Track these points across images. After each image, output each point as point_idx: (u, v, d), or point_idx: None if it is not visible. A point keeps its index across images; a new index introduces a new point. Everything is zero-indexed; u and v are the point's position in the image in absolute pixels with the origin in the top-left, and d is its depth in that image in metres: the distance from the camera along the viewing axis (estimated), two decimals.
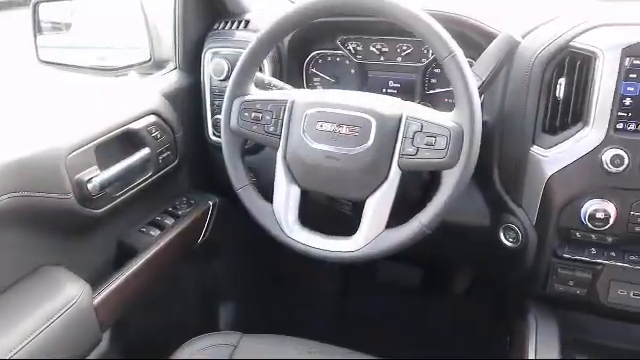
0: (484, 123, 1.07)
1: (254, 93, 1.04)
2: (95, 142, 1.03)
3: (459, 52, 0.87)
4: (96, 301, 1.01)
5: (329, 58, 1.30)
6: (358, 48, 1.25)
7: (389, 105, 0.94)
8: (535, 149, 1.01)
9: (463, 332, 1.58)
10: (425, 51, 1.20)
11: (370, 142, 0.92)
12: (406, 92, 1.24)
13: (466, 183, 0.88)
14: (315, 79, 1.32)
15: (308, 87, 1.32)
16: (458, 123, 0.87)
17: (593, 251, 1.02)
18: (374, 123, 0.92)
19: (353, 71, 1.28)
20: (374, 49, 1.24)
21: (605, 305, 1.03)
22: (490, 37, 0.98)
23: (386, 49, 1.23)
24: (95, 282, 1.05)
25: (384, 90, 1.26)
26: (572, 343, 1.10)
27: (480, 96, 0.99)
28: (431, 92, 1.22)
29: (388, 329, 1.67)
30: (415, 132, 0.90)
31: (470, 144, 0.86)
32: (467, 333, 1.56)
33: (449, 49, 0.87)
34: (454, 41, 0.88)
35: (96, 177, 1.02)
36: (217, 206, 1.36)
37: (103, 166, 1.05)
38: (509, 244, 1.10)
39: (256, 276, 1.76)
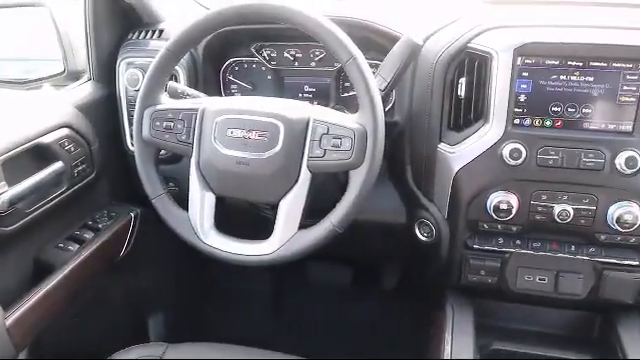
0: (395, 123, 1.12)
1: (165, 102, 1.04)
2: (1, 157, 1.00)
3: (359, 55, 0.91)
4: (9, 322, 0.98)
5: (245, 65, 1.31)
6: (273, 54, 1.27)
7: (296, 109, 0.96)
8: (442, 146, 1.06)
9: (391, 327, 1.62)
10: None
11: (279, 146, 0.94)
12: (321, 96, 1.27)
13: (373, 182, 0.92)
14: (232, 86, 1.33)
15: (226, 95, 1.33)
16: (362, 124, 0.91)
17: (500, 241, 1.08)
18: (282, 128, 0.94)
19: (269, 77, 1.29)
20: (288, 55, 1.26)
21: (514, 291, 1.09)
22: (395, 41, 1.02)
23: (300, 54, 1.26)
24: (8, 302, 1.02)
25: (300, 95, 1.29)
26: (486, 328, 1.15)
27: (387, 97, 1.03)
28: (345, 95, 1.25)
29: (320, 329, 1.70)
30: (322, 135, 0.92)
31: (374, 144, 0.90)
32: (395, 328, 1.61)
33: (349, 53, 0.90)
34: (354, 45, 0.91)
35: (4, 193, 0.99)
36: (139, 217, 1.35)
37: (12, 182, 1.03)
38: (424, 239, 1.14)
39: (186, 285, 1.75)
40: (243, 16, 0.96)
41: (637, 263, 1.04)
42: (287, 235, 0.95)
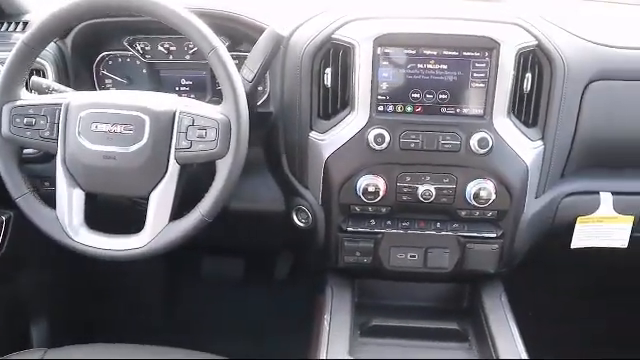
0: (270, 114, 1.14)
1: (26, 98, 1.00)
2: None
3: (220, 46, 0.92)
4: None
5: (119, 59, 1.28)
6: (147, 48, 1.26)
7: (162, 102, 0.96)
8: (313, 134, 1.10)
9: (283, 314, 1.66)
10: None
11: (145, 139, 0.94)
12: (198, 89, 1.27)
13: (239, 171, 0.94)
14: (107, 81, 1.30)
15: (100, 89, 1.30)
16: (225, 115, 0.93)
17: (372, 222, 1.14)
18: (148, 121, 0.94)
19: (145, 71, 1.28)
20: (162, 48, 1.25)
21: (388, 269, 1.16)
22: (262, 32, 1.04)
23: (174, 48, 1.25)
24: None
25: (177, 89, 1.28)
26: (366, 306, 1.21)
27: (256, 88, 1.05)
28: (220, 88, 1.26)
29: (215, 323, 1.70)
30: (188, 126, 0.93)
31: (238, 133, 0.92)
32: (286, 315, 1.64)
33: (210, 44, 0.92)
34: (215, 36, 0.93)
35: None
36: (12, 220, 1.29)
37: None
38: (302, 224, 1.18)
39: (74, 286, 1.69)
40: (102, 8, 0.95)
41: (495, 235, 1.13)
42: (158, 228, 0.95)
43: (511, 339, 1.07)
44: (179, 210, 0.99)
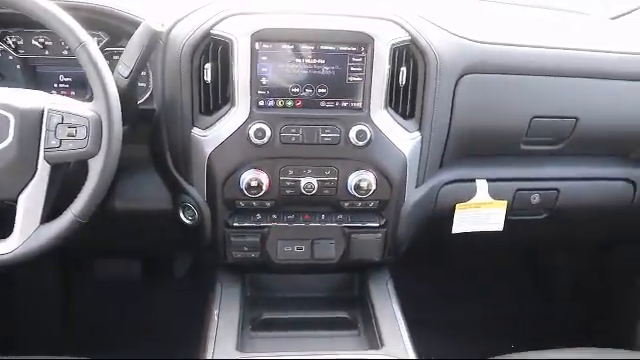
0: (152, 111, 1.12)
1: None
2: None
3: (89, 41, 0.90)
4: None
5: None
6: (19, 42, 1.19)
7: (29, 99, 0.92)
8: (195, 131, 1.09)
9: (182, 313, 1.64)
10: None
11: (10, 138, 0.89)
12: (78, 86, 1.22)
13: (112, 169, 0.91)
14: None
15: None
16: (96, 112, 0.90)
17: (258, 217, 1.14)
18: (12, 119, 0.89)
19: (18, 67, 1.21)
20: (37, 43, 1.19)
21: (276, 262, 1.17)
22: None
23: (50, 42, 1.19)
24: None
25: (56, 85, 1.23)
26: (257, 301, 1.22)
27: (134, 84, 1.02)
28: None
29: (114, 327, 1.65)
30: (57, 124, 0.90)
31: (109, 131, 0.90)
32: (186, 314, 1.62)
33: (78, 39, 0.89)
34: (84, 31, 0.90)
35: None
36: None
37: None
38: (189, 222, 1.17)
39: None
40: None
41: (378, 225, 1.17)
42: (27, 232, 0.91)
43: (395, 324, 1.12)
44: (56, 212, 0.95)
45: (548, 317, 1.87)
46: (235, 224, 1.14)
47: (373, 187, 1.10)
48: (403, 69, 1.08)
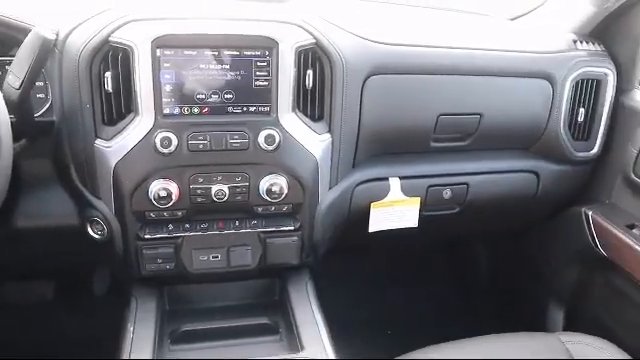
0: (52, 123, 1.07)
1: None
2: None
3: None
4: None
5: None
6: None
7: None
8: (99, 142, 1.05)
9: (100, 333, 1.58)
10: None
11: None
12: None
13: (3, 187, 0.87)
14: None
15: None
16: None
17: (171, 227, 1.12)
18: None
19: None
20: None
21: (192, 273, 1.15)
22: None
23: None
24: None
25: None
26: (177, 313, 1.19)
27: (26, 96, 0.97)
28: None
29: (24, 354, 1.56)
30: None
31: None
32: (104, 333, 1.56)
33: None
34: None
35: None
36: None
37: None
38: (98, 237, 1.13)
39: None
40: None
41: (293, 228, 1.17)
42: None
43: (315, 327, 1.12)
44: None
45: (469, 309, 1.93)
46: (147, 236, 1.11)
47: (285, 191, 1.10)
48: (309, 72, 1.09)
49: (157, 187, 1.04)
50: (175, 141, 1.03)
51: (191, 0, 1.14)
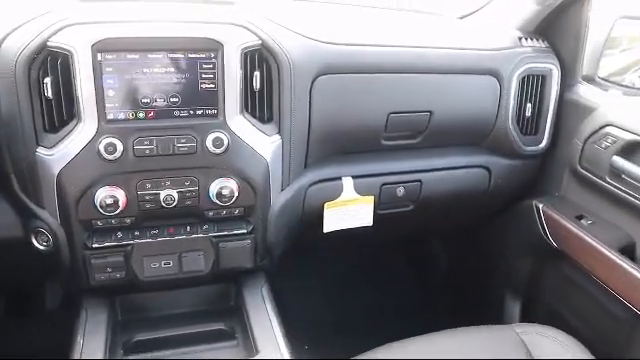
0: None
1: None
2: None
3: None
4: None
5: None
6: None
7: None
8: (40, 150, 1.02)
9: (50, 348, 1.53)
10: None
11: None
12: None
13: None
14: None
15: None
16: None
17: (119, 235, 1.09)
18: None
19: None
20: None
21: (144, 281, 1.12)
22: None
23: None
24: None
25: None
26: (130, 323, 1.17)
27: None
28: None
29: None
30: None
31: None
32: (55, 347, 1.52)
33: None
34: None
35: None
36: None
37: None
38: (43, 247, 1.09)
39: None
40: None
41: (245, 231, 1.16)
42: None
43: (270, 330, 1.11)
44: None
45: (427, 305, 1.95)
46: (95, 245, 1.08)
47: (236, 194, 1.09)
48: (256, 73, 1.08)
49: (103, 194, 1.02)
50: (120, 147, 1.01)
51: (134, 3, 1.12)
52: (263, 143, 1.11)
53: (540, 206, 1.45)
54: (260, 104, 1.11)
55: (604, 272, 1.26)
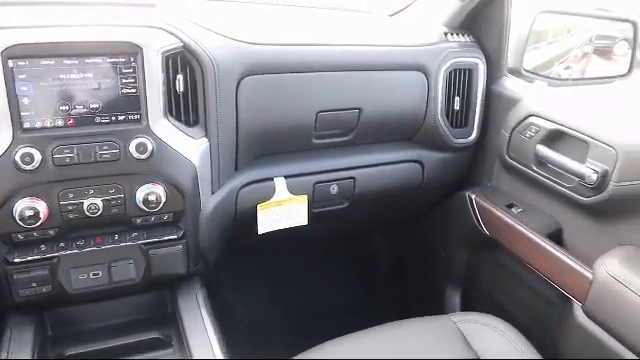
0: None
1: None
2: None
3: None
4: None
5: None
6: None
7: None
8: None
9: None
10: None
11: None
12: None
13: None
14: None
15: None
16: None
17: (43, 248, 1.06)
18: None
19: None
20: None
21: (72, 293, 1.09)
22: None
23: None
24: None
25: None
26: (61, 338, 1.13)
27: None
28: None
29: None
30: None
31: None
32: None
33: None
34: None
35: None
36: None
37: None
38: None
39: None
40: None
41: (176, 237, 1.14)
42: None
43: (205, 335, 1.10)
44: None
45: (371, 300, 1.97)
46: (16, 260, 1.04)
47: (163, 199, 1.07)
48: (179, 77, 1.07)
49: (22, 206, 0.98)
50: (38, 156, 0.97)
51: (47, 7, 1.08)
52: (190, 147, 1.09)
53: (473, 197, 1.48)
54: (185, 107, 1.10)
55: (534, 258, 1.30)
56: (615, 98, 1.55)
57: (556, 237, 1.31)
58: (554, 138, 1.29)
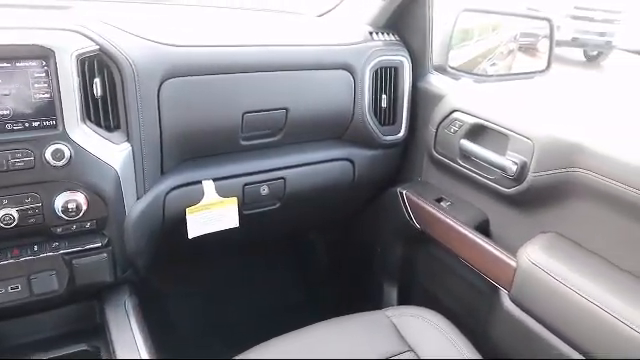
0: None
1: None
2: None
3: None
4: None
5: None
6: None
7: None
8: None
9: None
10: None
11: None
12: None
13: None
14: None
15: None
16: None
17: None
18: None
19: None
20: None
21: None
22: None
23: None
24: None
25: None
26: None
27: None
28: None
29: None
30: None
31: None
32: None
33: None
34: None
35: None
36: None
37: None
38: None
39: None
40: None
41: (100, 245, 1.11)
42: None
43: (133, 346, 1.07)
44: None
45: (311, 299, 1.98)
46: None
47: (84, 207, 1.04)
48: (97, 80, 1.04)
49: None
50: None
51: None
52: (111, 152, 1.07)
53: (404, 192, 1.51)
54: (104, 112, 1.07)
55: (464, 250, 1.33)
56: (534, 93, 1.61)
57: (483, 228, 1.35)
58: (477, 132, 1.33)
